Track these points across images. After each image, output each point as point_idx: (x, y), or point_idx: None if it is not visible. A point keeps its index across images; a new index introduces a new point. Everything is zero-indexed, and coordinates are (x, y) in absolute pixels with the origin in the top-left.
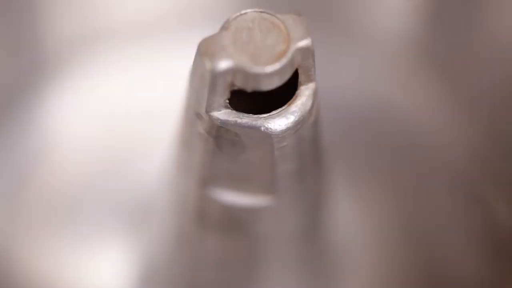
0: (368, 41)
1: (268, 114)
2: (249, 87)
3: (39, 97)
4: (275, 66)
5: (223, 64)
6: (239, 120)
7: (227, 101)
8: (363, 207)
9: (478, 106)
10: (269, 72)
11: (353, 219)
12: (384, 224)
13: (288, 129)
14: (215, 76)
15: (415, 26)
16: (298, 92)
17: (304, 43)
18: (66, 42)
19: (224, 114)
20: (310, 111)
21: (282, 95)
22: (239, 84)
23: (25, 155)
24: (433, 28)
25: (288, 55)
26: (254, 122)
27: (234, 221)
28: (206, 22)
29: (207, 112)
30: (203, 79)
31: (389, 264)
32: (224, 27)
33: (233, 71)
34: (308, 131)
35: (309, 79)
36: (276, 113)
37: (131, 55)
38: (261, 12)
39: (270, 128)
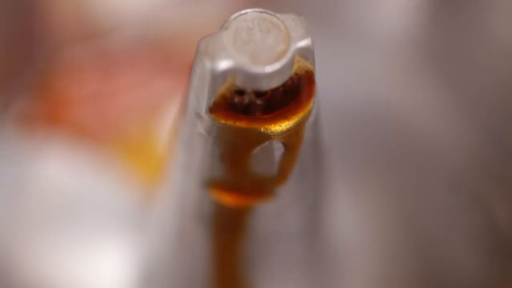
0: (368, 41)
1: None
2: (249, 87)
3: (39, 97)
4: (275, 66)
5: (223, 64)
6: None
7: None
8: (363, 207)
9: (478, 106)
10: (269, 72)
11: (353, 219)
12: (384, 224)
13: (288, 129)
14: (215, 76)
15: (415, 26)
16: None
17: (304, 43)
18: (66, 42)
19: None
20: (310, 111)
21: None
22: (239, 84)
23: (25, 155)
24: (433, 28)
25: (288, 55)
26: None
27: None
28: None
29: (207, 112)
30: (203, 79)
31: (389, 264)
32: (224, 27)
33: (233, 71)
34: (308, 131)
35: None
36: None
37: (131, 55)
38: (261, 12)
39: (270, 128)
